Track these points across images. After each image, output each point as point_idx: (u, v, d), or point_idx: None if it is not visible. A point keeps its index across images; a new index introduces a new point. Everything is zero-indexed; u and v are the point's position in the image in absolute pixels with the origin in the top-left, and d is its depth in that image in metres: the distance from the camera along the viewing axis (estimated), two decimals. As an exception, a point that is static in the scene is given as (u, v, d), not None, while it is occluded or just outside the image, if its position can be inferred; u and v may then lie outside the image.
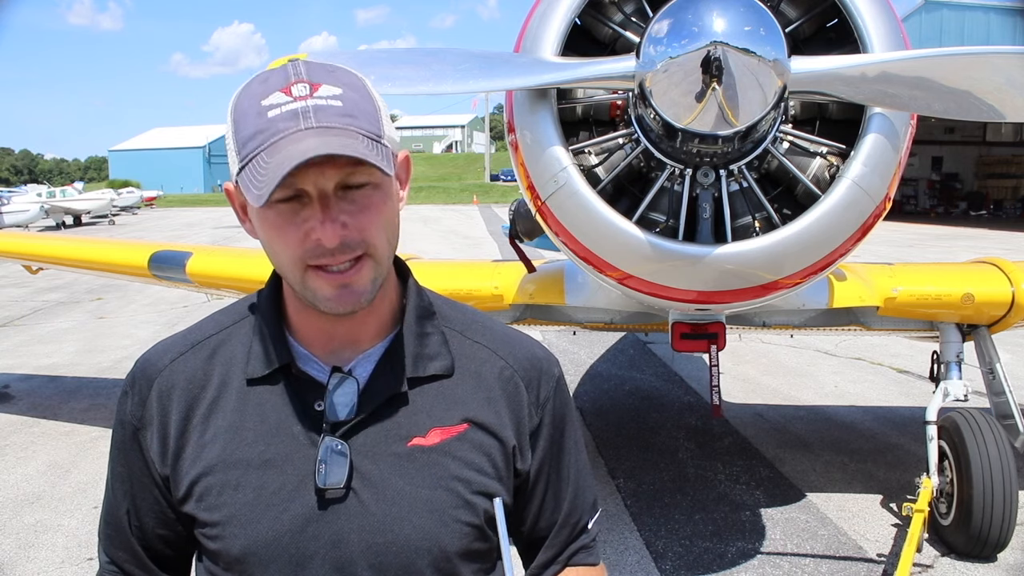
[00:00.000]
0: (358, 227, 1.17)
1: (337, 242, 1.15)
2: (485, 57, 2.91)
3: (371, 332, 1.30)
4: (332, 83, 1.16)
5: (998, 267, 5.06)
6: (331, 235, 1.15)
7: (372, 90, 1.22)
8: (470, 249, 24.12)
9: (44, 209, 36.57)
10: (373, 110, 1.19)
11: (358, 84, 1.20)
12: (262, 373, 1.27)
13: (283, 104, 1.13)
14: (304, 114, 1.12)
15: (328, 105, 1.14)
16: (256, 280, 5.27)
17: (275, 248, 1.21)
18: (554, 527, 1.40)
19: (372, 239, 1.19)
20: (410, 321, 1.32)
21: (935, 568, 4.57)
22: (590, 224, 2.97)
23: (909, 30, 3.02)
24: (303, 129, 1.12)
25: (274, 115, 1.13)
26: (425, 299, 1.36)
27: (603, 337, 10.13)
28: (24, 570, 4.66)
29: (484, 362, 1.33)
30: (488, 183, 74.84)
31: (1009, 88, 2.65)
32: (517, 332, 1.43)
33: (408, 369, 1.28)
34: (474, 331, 1.37)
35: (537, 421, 1.34)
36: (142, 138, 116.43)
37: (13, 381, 9.13)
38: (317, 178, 1.14)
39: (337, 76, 1.18)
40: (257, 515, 1.22)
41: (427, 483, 1.23)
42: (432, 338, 1.32)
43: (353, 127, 1.14)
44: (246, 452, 1.24)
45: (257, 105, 1.15)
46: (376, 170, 1.15)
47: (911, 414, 7.02)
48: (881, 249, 16.90)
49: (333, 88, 1.16)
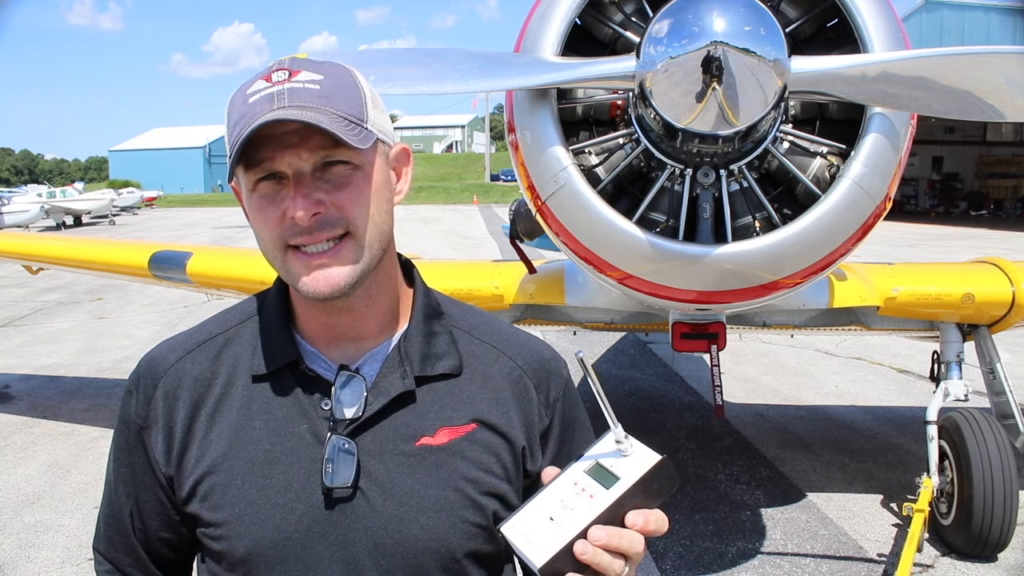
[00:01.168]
0: (336, 204, 1.18)
1: (310, 218, 1.16)
2: (485, 57, 2.91)
3: (373, 328, 1.29)
4: (313, 71, 1.18)
5: (998, 267, 5.06)
6: (302, 210, 1.15)
7: (362, 81, 1.23)
8: (470, 249, 24.11)
9: (44, 209, 36.58)
10: (357, 96, 1.19)
11: (344, 73, 1.21)
12: (269, 370, 1.26)
13: (262, 90, 1.16)
14: (279, 96, 1.15)
15: (304, 88, 1.16)
16: (256, 280, 5.27)
17: (259, 232, 1.22)
18: None
19: (351, 216, 1.19)
20: (418, 320, 1.31)
21: (935, 568, 4.57)
22: (590, 224, 2.97)
23: (909, 30, 3.01)
24: (275, 109, 1.14)
25: (253, 100, 1.16)
26: (432, 298, 1.36)
27: (603, 337, 10.13)
28: (24, 570, 4.66)
29: (492, 362, 1.33)
30: (488, 183, 74.82)
31: (1009, 88, 2.65)
32: (524, 333, 1.43)
33: (416, 368, 1.27)
34: (481, 331, 1.36)
35: (547, 422, 1.33)
36: (142, 138, 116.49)
37: (13, 381, 9.13)
38: (292, 159, 1.16)
39: (322, 67, 1.19)
40: (263, 515, 1.20)
41: (436, 483, 1.22)
42: (440, 337, 1.31)
43: (329, 107, 1.15)
44: (252, 450, 1.23)
45: (243, 95, 1.18)
46: (354, 151, 1.16)
47: (911, 414, 7.02)
48: (881, 249, 16.89)
49: (313, 74, 1.17)
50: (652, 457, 1.07)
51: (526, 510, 1.08)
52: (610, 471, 1.07)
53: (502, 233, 11.49)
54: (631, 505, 1.06)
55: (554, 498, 1.08)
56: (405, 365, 1.27)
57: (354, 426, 1.22)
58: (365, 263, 1.21)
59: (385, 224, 1.24)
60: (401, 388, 1.25)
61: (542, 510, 1.07)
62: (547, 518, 1.06)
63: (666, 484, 1.09)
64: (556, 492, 1.08)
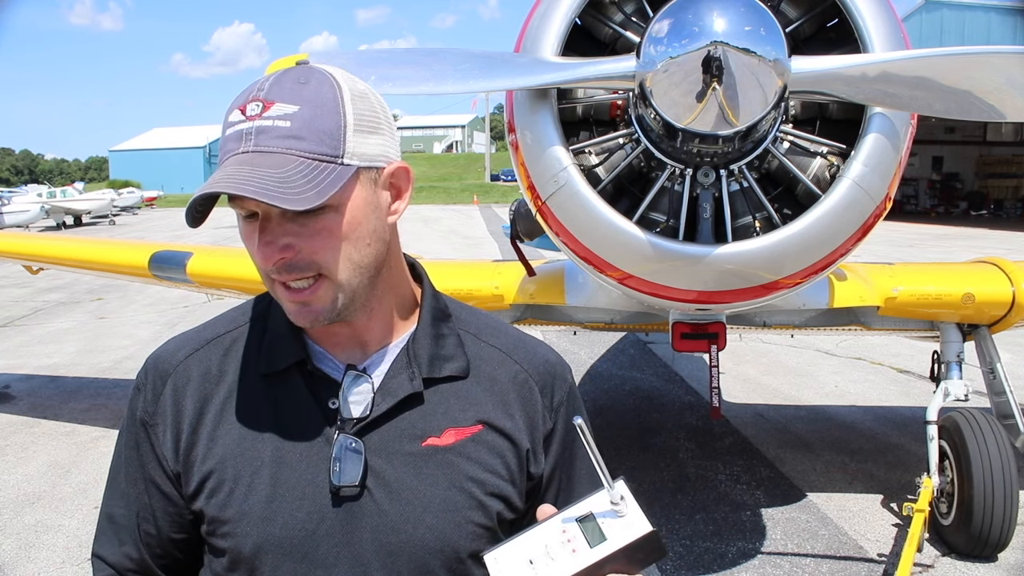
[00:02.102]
0: (309, 250, 1.16)
1: (272, 265, 1.16)
2: (485, 57, 2.91)
3: (378, 334, 1.30)
4: (290, 100, 1.12)
5: (998, 267, 5.06)
6: (264, 258, 1.16)
7: (347, 103, 1.15)
8: (470, 249, 24.11)
9: (45, 209, 36.58)
10: (334, 128, 1.14)
11: (326, 100, 1.14)
12: (277, 368, 1.27)
13: (236, 123, 1.14)
14: (247, 136, 1.12)
15: (273, 126, 1.11)
16: (256, 280, 5.23)
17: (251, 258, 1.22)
18: None
19: (324, 262, 1.17)
20: (426, 322, 1.32)
21: (936, 568, 4.57)
22: (590, 224, 2.97)
23: (909, 30, 3.01)
24: (239, 153, 1.12)
25: (228, 133, 1.15)
26: (441, 301, 1.36)
27: (603, 337, 10.13)
28: (24, 570, 4.66)
29: (498, 365, 1.33)
30: (488, 183, 74.80)
31: (1009, 88, 2.65)
32: (530, 337, 1.43)
33: (425, 369, 1.27)
34: (488, 334, 1.37)
35: (551, 425, 1.34)
36: (142, 138, 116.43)
37: (13, 381, 9.13)
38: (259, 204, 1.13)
39: (303, 91, 1.13)
40: (270, 512, 1.20)
41: (442, 483, 1.23)
42: (448, 339, 1.32)
43: (294, 150, 1.11)
44: (260, 448, 1.23)
45: (227, 120, 1.16)
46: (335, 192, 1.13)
47: (911, 414, 7.02)
48: (881, 249, 16.89)
49: (287, 107, 1.12)
50: (643, 526, 1.08)
51: (511, 545, 1.09)
52: (600, 528, 1.08)
53: (502, 233, 11.48)
54: (611, 568, 1.07)
55: (540, 541, 1.09)
56: (413, 367, 1.27)
57: (361, 425, 1.23)
58: (345, 297, 1.21)
59: (370, 254, 1.21)
60: (410, 389, 1.25)
61: (526, 550, 1.08)
62: (527, 561, 1.07)
63: (651, 555, 1.10)
64: (543, 535, 1.09)
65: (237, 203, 1.15)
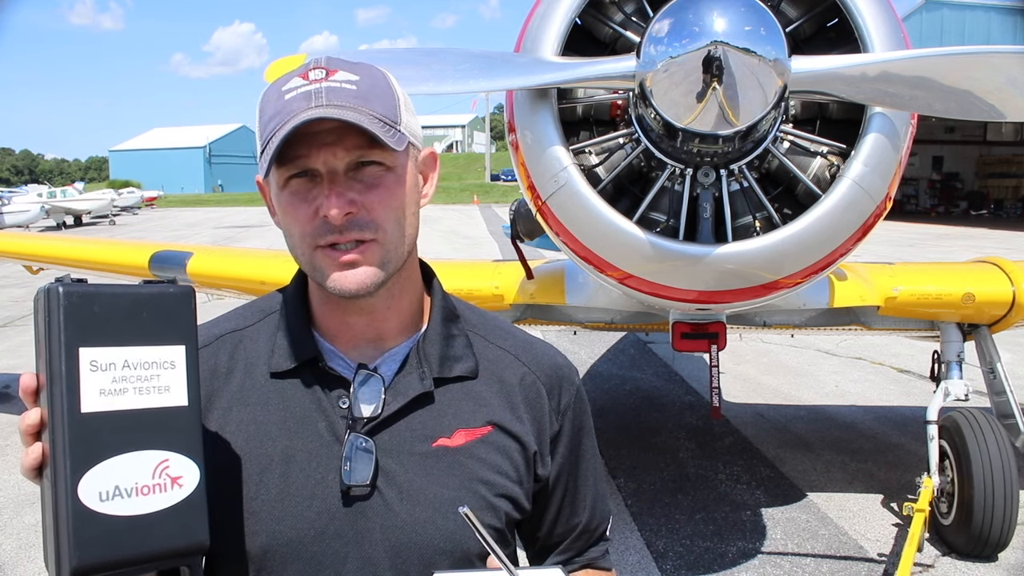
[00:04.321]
0: (367, 206, 1.18)
1: (343, 217, 1.16)
2: (485, 57, 2.91)
3: (394, 329, 1.30)
4: (349, 71, 1.19)
5: (999, 267, 5.06)
6: (336, 208, 1.16)
7: (395, 84, 1.24)
8: (470, 249, 24.12)
9: (45, 209, 36.59)
10: (391, 98, 1.20)
11: (378, 75, 1.22)
12: (287, 367, 1.26)
13: (299, 87, 1.16)
14: (316, 94, 1.15)
15: (341, 88, 1.16)
16: (256, 280, 5.26)
17: (289, 229, 1.23)
18: (571, 533, 1.41)
19: (380, 219, 1.19)
20: (436, 322, 1.32)
21: (936, 568, 4.57)
22: (591, 224, 2.97)
23: (909, 30, 3.01)
24: (313, 107, 1.14)
25: (290, 97, 1.16)
26: (450, 302, 1.37)
27: (603, 337, 10.13)
28: (24, 570, 4.66)
29: (507, 367, 1.34)
30: (488, 183, 74.82)
31: (1010, 88, 2.65)
32: (538, 340, 1.44)
33: (435, 369, 1.28)
34: (496, 336, 1.37)
35: (557, 428, 1.35)
36: (142, 138, 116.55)
37: (13, 381, 9.13)
38: (328, 157, 1.16)
39: (358, 67, 1.20)
40: (280, 511, 1.20)
41: (451, 484, 1.23)
42: (458, 340, 1.32)
43: (365, 108, 1.16)
44: (269, 447, 1.23)
45: (277, 92, 1.18)
46: (389, 152, 1.17)
47: (912, 414, 7.02)
48: (881, 249, 16.89)
49: (349, 74, 1.18)
50: None
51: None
52: None
53: (502, 233, 11.48)
54: None
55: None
56: (424, 366, 1.27)
57: (372, 425, 1.23)
58: (391, 265, 1.22)
59: (412, 227, 1.25)
60: (420, 389, 1.26)
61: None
62: None
63: None
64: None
65: (295, 162, 1.17)
